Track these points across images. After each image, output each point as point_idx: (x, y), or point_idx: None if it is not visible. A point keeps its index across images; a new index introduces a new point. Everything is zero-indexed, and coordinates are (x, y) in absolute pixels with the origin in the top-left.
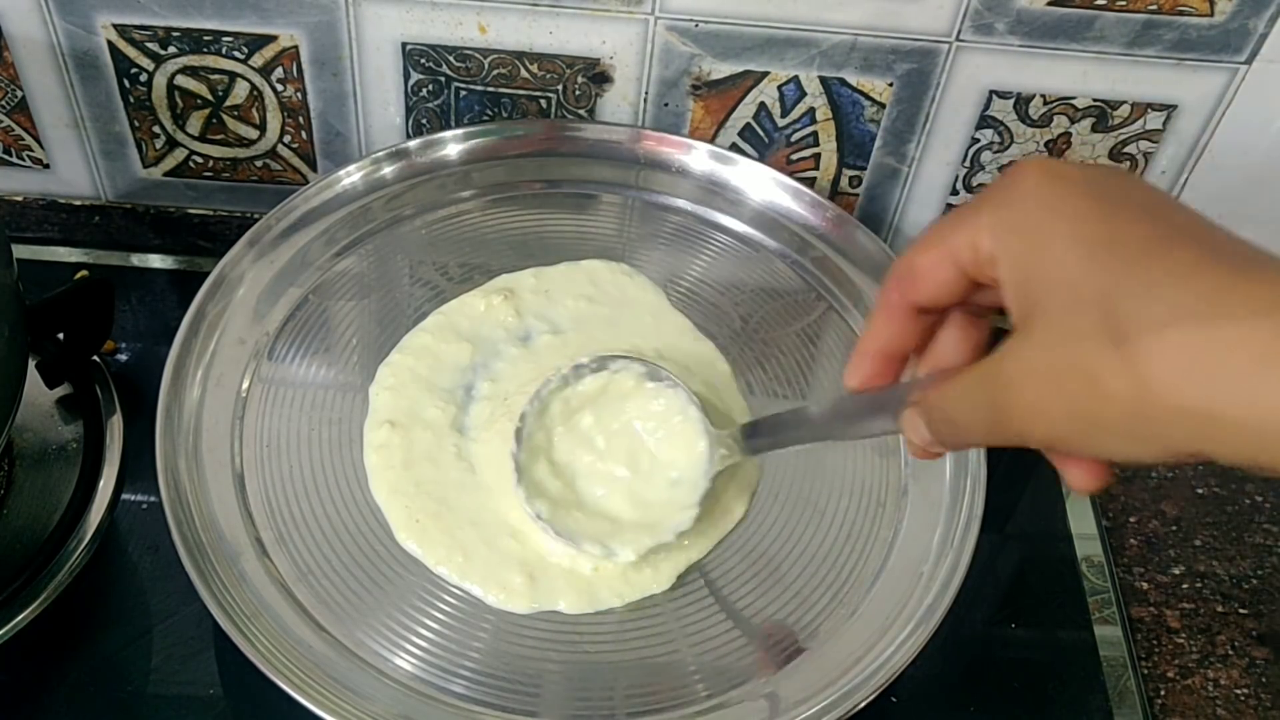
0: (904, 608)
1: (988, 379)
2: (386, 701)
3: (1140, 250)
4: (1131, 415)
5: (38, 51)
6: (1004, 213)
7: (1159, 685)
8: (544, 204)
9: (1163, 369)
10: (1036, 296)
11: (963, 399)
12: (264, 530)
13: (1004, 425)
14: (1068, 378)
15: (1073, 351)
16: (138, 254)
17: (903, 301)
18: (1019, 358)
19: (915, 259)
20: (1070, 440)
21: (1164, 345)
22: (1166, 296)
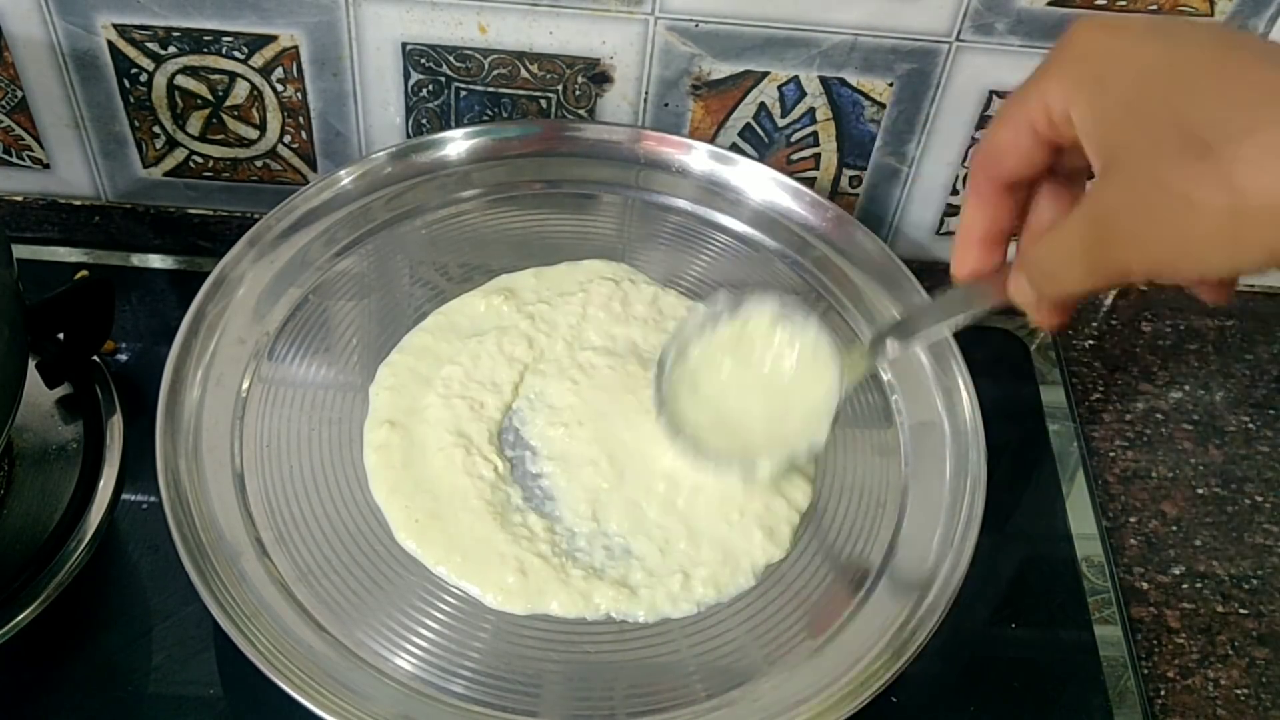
0: (905, 607)
1: (1079, 222)
2: (386, 701)
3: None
4: (1228, 223)
5: (38, 51)
6: (1068, 69)
7: (1159, 685)
8: (544, 204)
9: (1253, 172)
10: (1114, 138)
11: (1058, 247)
12: (264, 530)
13: (1102, 263)
14: (1159, 200)
15: (1160, 175)
16: (138, 254)
17: (990, 182)
18: (1106, 194)
19: (994, 137)
20: (1170, 263)
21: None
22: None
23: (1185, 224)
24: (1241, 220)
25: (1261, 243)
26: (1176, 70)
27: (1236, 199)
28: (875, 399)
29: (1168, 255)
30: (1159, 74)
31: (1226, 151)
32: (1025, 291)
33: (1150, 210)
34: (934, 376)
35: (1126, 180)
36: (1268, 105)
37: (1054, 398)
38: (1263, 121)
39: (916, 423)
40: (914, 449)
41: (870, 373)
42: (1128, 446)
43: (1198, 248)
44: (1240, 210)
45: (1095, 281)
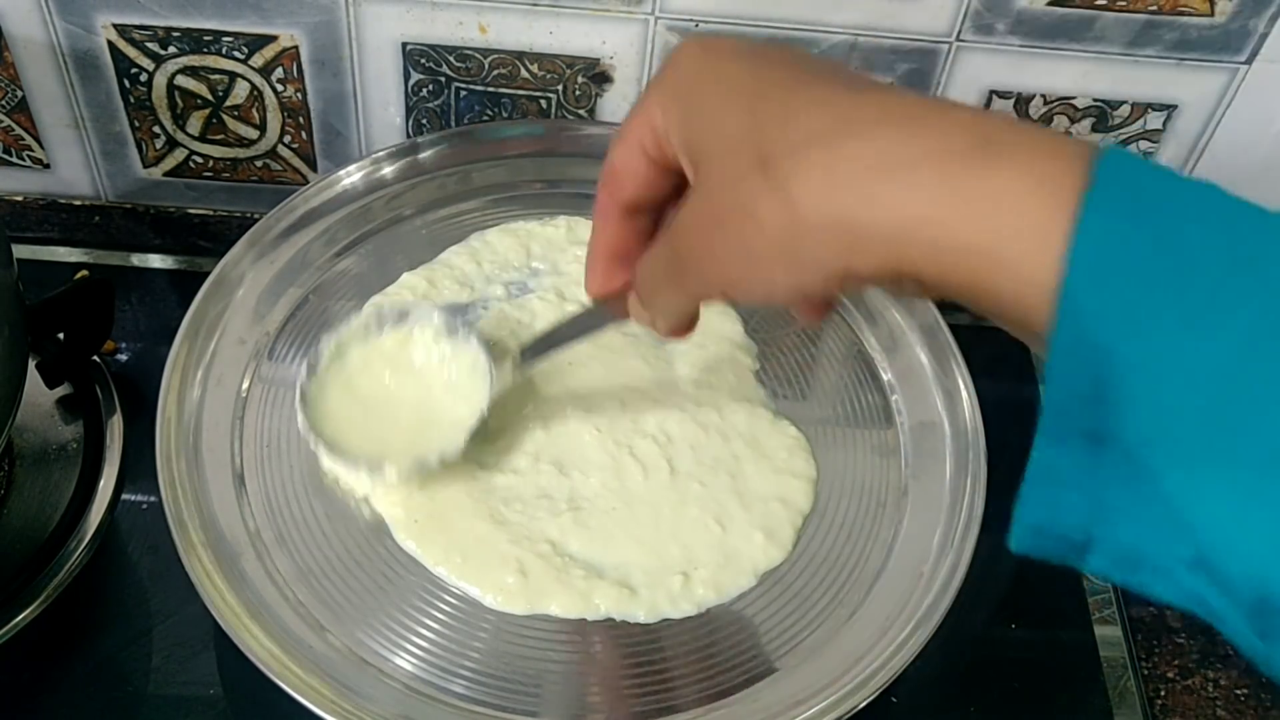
0: (904, 608)
1: (667, 237)
2: (386, 701)
3: (781, 90)
4: (785, 238)
5: (38, 51)
6: (666, 87)
7: (1159, 685)
8: (544, 204)
9: (804, 188)
10: (700, 152)
11: (651, 263)
12: (264, 530)
13: (683, 279)
14: (728, 214)
15: (731, 191)
16: (138, 254)
17: (611, 203)
18: (688, 209)
19: (611, 159)
20: (741, 281)
21: (803, 164)
22: (803, 123)
23: (749, 240)
24: (797, 236)
25: (818, 261)
26: (757, 88)
27: (791, 214)
28: (875, 399)
29: (737, 273)
30: (742, 94)
31: (784, 166)
32: (639, 310)
33: (721, 225)
34: (934, 376)
35: (704, 196)
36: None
37: None
38: (816, 136)
39: (917, 423)
40: (914, 449)
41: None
42: None
43: (762, 265)
44: (795, 225)
45: (683, 299)
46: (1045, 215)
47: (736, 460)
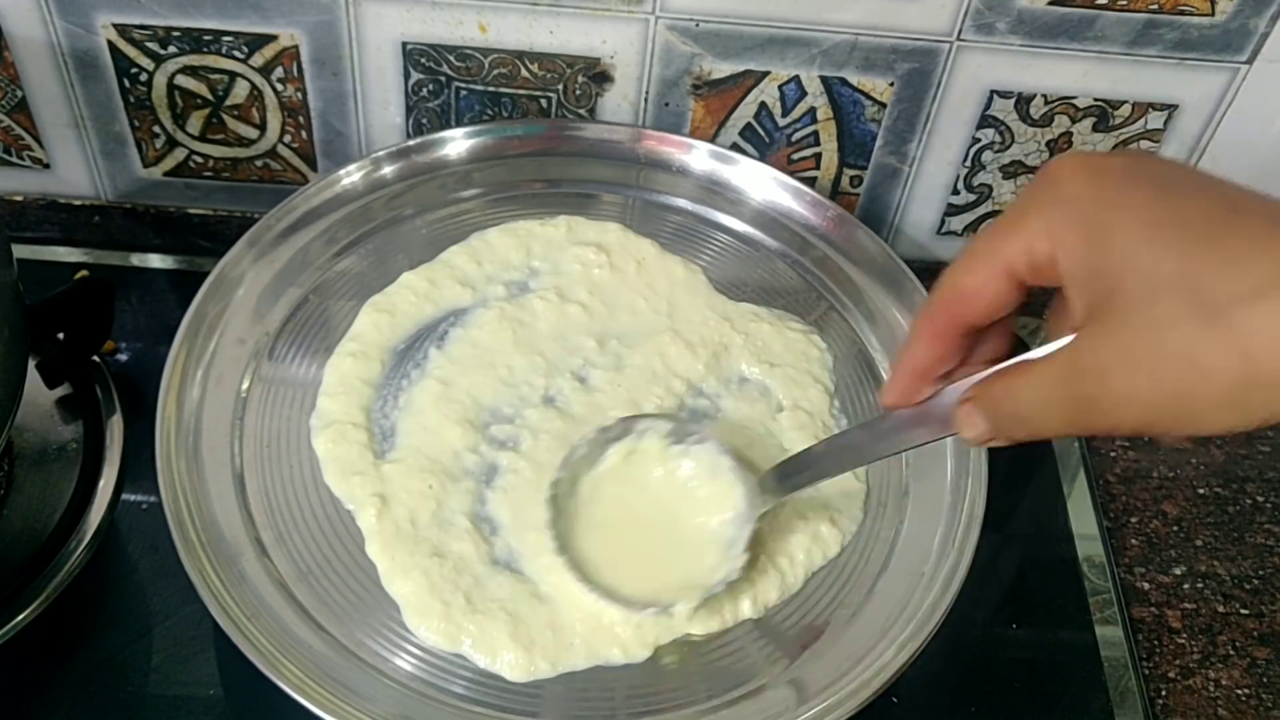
0: (905, 608)
1: (1067, 372)
2: (386, 701)
3: (1208, 229)
4: (1235, 389)
5: (38, 51)
6: (1056, 212)
7: (1160, 685)
8: (544, 204)
9: (1263, 339)
10: (1110, 289)
11: (1035, 393)
12: (264, 530)
13: (1089, 415)
14: (1163, 362)
15: (1164, 336)
16: (138, 254)
17: (953, 324)
18: (1102, 348)
19: (963, 281)
20: (1166, 421)
21: (1259, 317)
22: (1251, 269)
23: (1190, 387)
24: (1249, 387)
25: (1266, 406)
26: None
27: (1248, 366)
28: (875, 399)
29: (1167, 415)
30: (1162, 229)
31: (1238, 318)
32: (978, 429)
33: (1152, 370)
34: None
35: (1126, 336)
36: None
37: None
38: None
39: None
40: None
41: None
42: (1128, 446)
43: (1201, 409)
44: (1249, 376)
45: (1073, 430)
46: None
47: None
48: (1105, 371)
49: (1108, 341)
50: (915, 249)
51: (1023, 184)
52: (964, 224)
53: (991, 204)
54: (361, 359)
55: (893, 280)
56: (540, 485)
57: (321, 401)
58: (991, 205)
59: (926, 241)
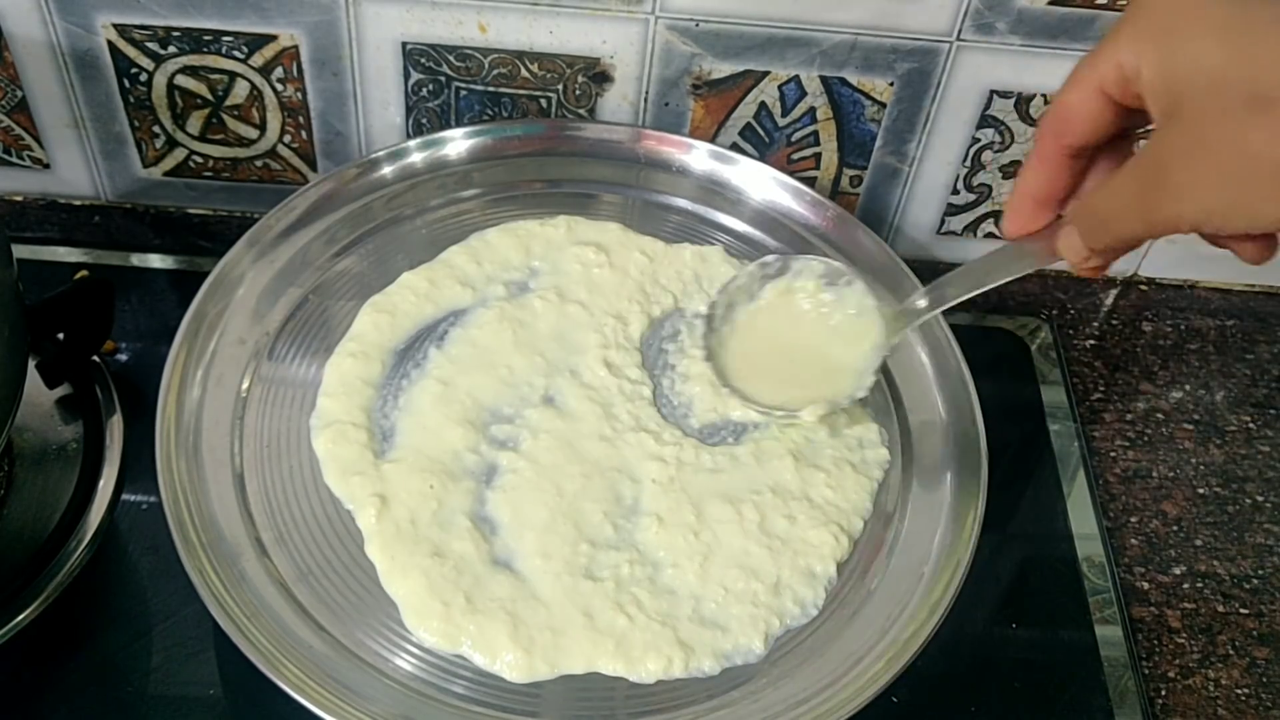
0: (904, 608)
1: (1137, 168)
2: (386, 701)
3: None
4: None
5: (38, 51)
6: (1139, 26)
7: (1160, 685)
8: (544, 204)
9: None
10: (1179, 90)
11: (1114, 195)
12: (264, 530)
13: (1156, 209)
14: (1218, 150)
15: (1220, 127)
16: (138, 254)
17: (1057, 144)
18: (1165, 143)
19: (1064, 99)
20: (1222, 212)
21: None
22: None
23: (1241, 174)
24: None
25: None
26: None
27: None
28: (876, 398)
29: (1220, 204)
30: (1229, 31)
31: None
32: (1075, 246)
33: (1207, 159)
34: (934, 376)
35: (1187, 130)
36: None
37: (1054, 397)
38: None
39: (917, 422)
40: (914, 449)
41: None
42: (1128, 446)
43: (1250, 198)
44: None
45: (1146, 229)
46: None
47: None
48: (1167, 163)
49: (1172, 136)
50: (915, 249)
51: None
52: (963, 224)
53: (991, 204)
54: (361, 359)
55: (893, 280)
56: (540, 485)
57: (321, 401)
58: (991, 205)
59: (926, 241)
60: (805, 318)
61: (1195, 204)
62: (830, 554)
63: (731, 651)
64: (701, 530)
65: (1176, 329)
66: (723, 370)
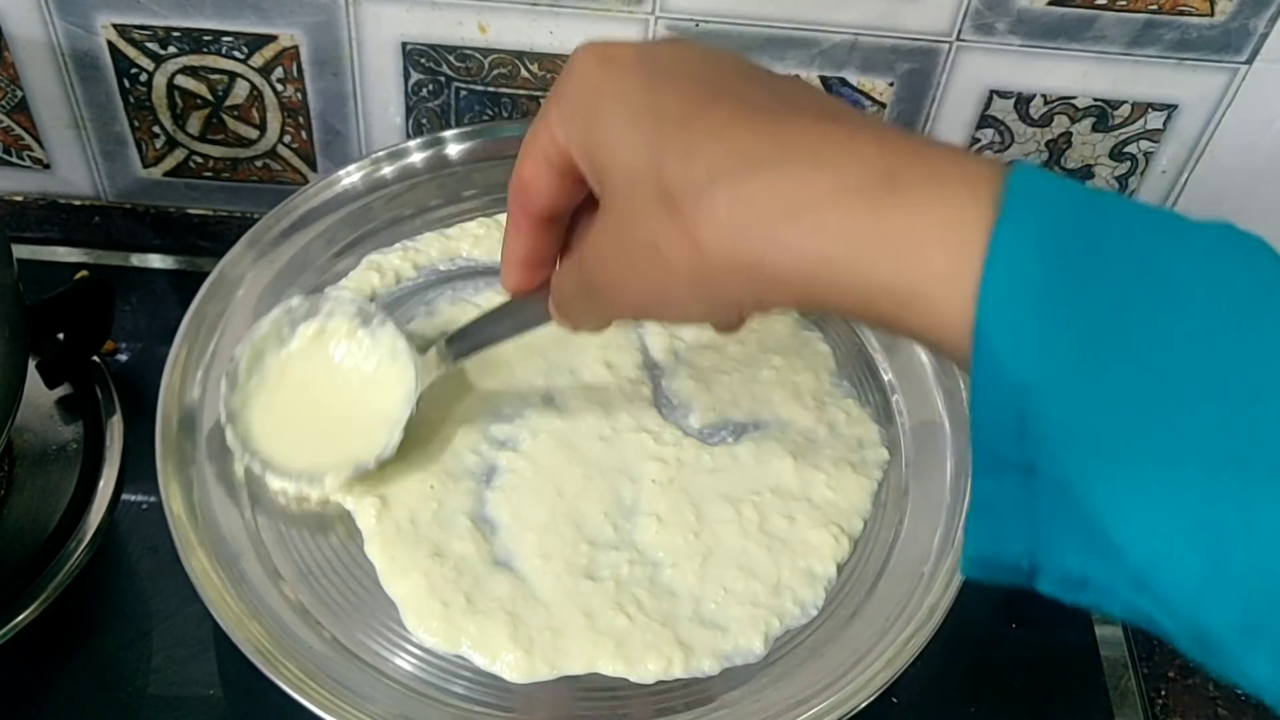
0: (904, 608)
1: (578, 262)
2: (386, 701)
3: (681, 116)
4: (694, 279)
5: (38, 51)
6: (565, 102)
7: (1160, 685)
8: None
9: (710, 230)
10: (603, 177)
11: (565, 282)
12: (264, 530)
13: (598, 304)
14: (636, 252)
15: (637, 225)
16: (138, 254)
17: (525, 213)
18: (597, 239)
19: (519, 168)
20: (651, 310)
21: (708, 205)
22: (706, 157)
23: (658, 277)
24: (706, 277)
25: (730, 297)
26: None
27: (698, 256)
28: (876, 398)
29: (649, 304)
30: (636, 118)
31: (687, 206)
32: (559, 315)
33: (630, 262)
34: (934, 376)
35: (611, 228)
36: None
37: None
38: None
39: (917, 423)
40: (914, 449)
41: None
42: None
43: (675, 300)
44: (703, 266)
45: (597, 321)
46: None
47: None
48: (599, 261)
49: (600, 232)
50: None
51: None
52: None
53: None
54: None
55: None
56: (540, 485)
57: None
58: None
59: None
60: (340, 365)
61: (629, 304)
62: (830, 554)
63: (731, 651)
64: (701, 530)
65: None
66: (246, 433)
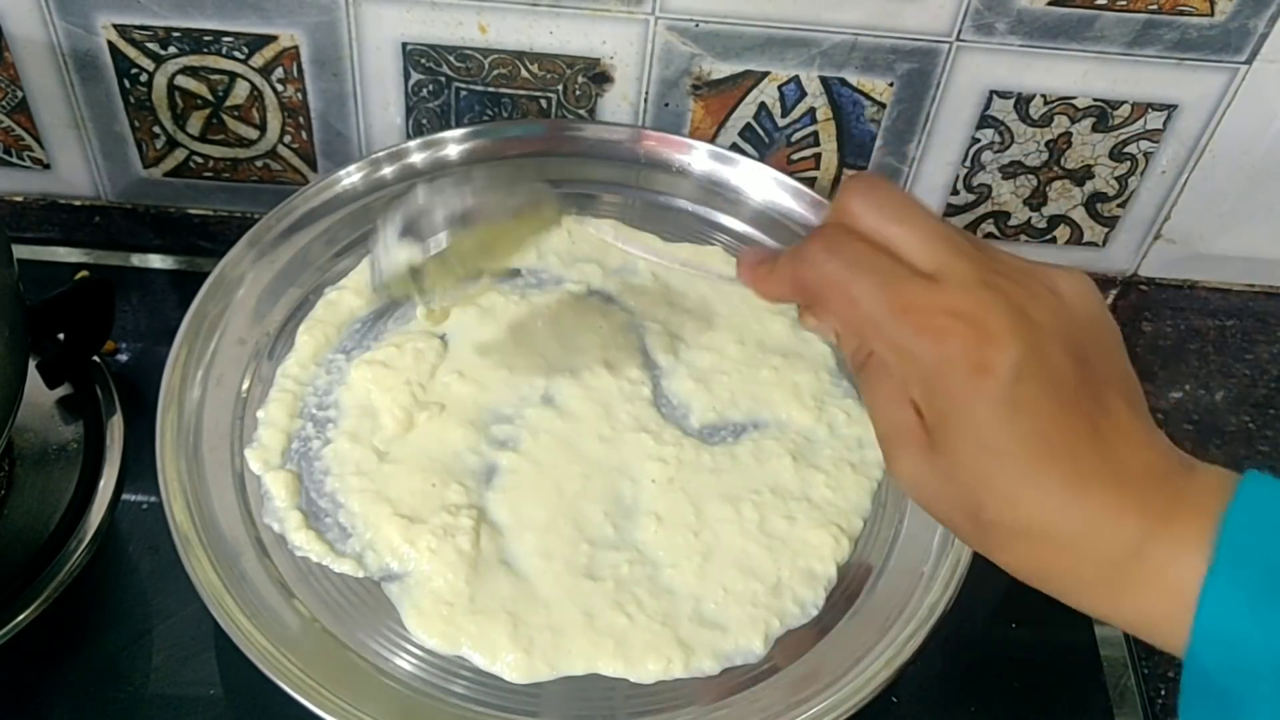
0: (904, 608)
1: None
2: (386, 701)
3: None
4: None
5: (38, 51)
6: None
7: (1160, 685)
8: None
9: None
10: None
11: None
12: (264, 530)
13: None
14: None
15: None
16: (138, 254)
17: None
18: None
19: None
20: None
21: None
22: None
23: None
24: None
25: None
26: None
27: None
28: None
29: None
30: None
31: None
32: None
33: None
34: None
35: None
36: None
37: None
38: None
39: None
40: None
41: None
42: None
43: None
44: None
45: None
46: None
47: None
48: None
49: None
50: None
51: (1021, 185)
52: (963, 224)
53: (991, 204)
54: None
55: None
56: (540, 485)
57: None
58: (991, 205)
59: None
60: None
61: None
62: (830, 554)
63: (731, 651)
64: (701, 530)
65: (1176, 329)
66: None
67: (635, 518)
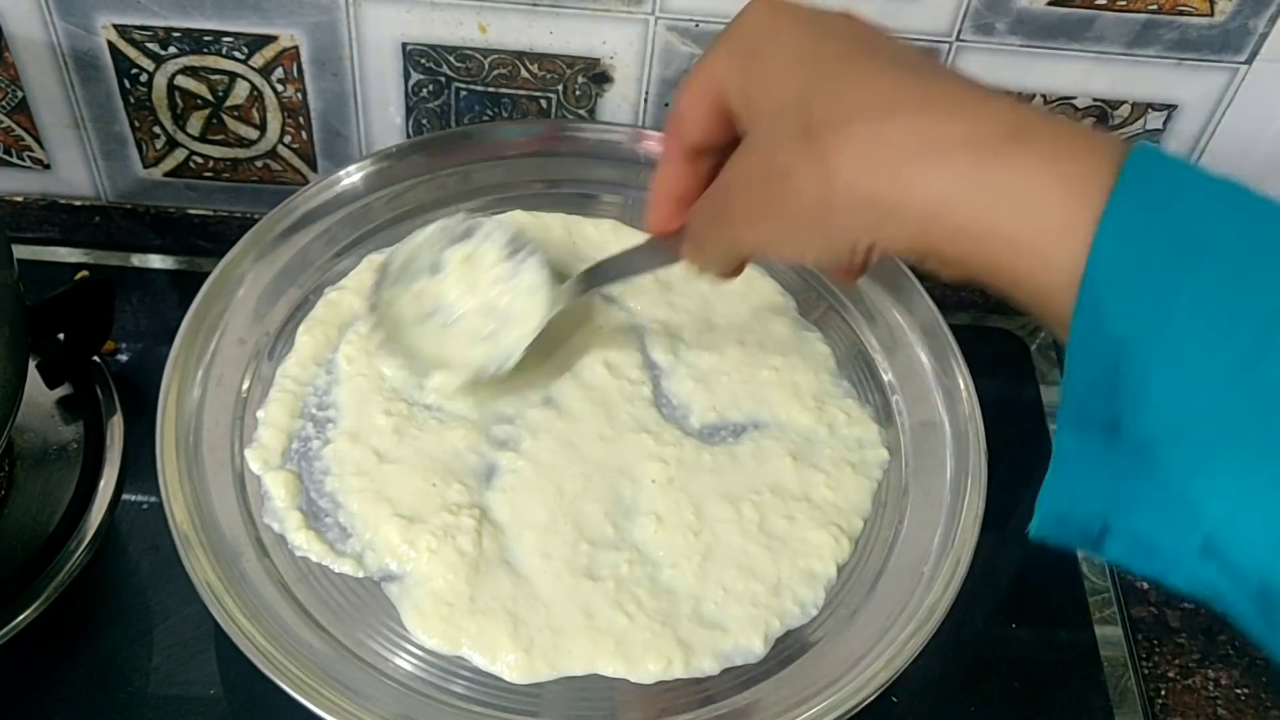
0: (904, 608)
1: (717, 186)
2: (386, 701)
3: (835, 60)
4: (818, 209)
5: (38, 51)
6: (732, 42)
7: (1160, 685)
8: (544, 204)
9: (841, 161)
10: (753, 110)
11: (698, 214)
12: (264, 530)
13: (727, 232)
14: (770, 177)
15: (776, 153)
16: (138, 254)
17: (676, 145)
18: (734, 165)
19: (677, 103)
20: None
21: (844, 139)
22: (850, 98)
23: (786, 204)
24: (829, 206)
25: (847, 233)
26: (816, 58)
27: (827, 185)
28: (876, 399)
29: (773, 234)
30: (800, 59)
31: (825, 138)
32: (691, 252)
33: (763, 186)
34: (934, 376)
35: (750, 155)
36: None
37: (1054, 398)
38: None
39: (917, 423)
40: (914, 449)
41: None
42: None
43: (796, 230)
44: (829, 195)
45: (724, 257)
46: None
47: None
48: (735, 185)
49: (739, 160)
50: None
51: None
52: None
53: None
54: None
55: (892, 280)
56: (540, 485)
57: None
58: None
59: None
60: (477, 285)
61: (753, 232)
62: (830, 554)
63: (731, 651)
64: (701, 530)
65: None
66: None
67: (635, 518)
